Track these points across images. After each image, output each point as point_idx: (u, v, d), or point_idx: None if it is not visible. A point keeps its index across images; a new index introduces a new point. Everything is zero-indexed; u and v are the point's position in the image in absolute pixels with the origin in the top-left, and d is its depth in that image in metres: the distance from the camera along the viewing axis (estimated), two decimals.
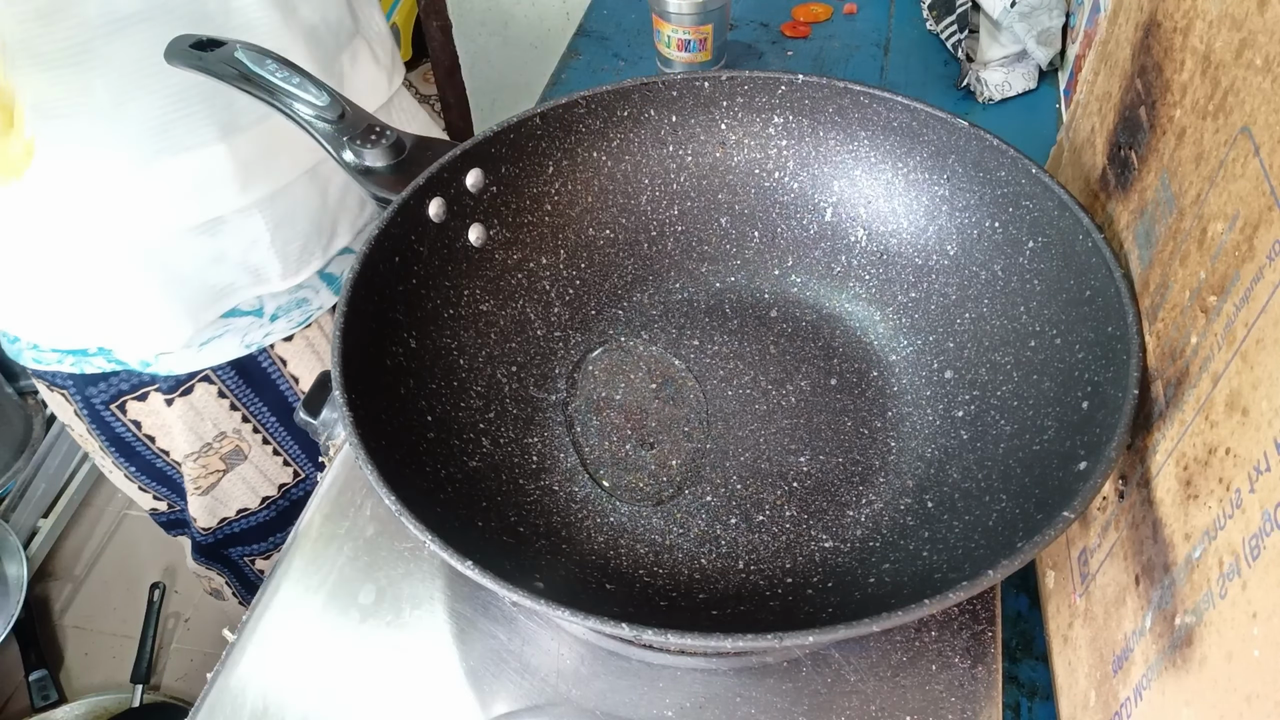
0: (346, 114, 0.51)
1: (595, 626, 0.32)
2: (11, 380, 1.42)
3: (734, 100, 0.56)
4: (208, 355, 0.72)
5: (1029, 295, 0.49)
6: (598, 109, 0.54)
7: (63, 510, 1.46)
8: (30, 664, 1.29)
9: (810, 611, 0.42)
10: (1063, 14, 0.82)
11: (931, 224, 0.54)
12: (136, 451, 0.77)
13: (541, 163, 0.54)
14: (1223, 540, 0.30)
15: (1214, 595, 0.30)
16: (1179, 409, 0.35)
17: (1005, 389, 0.48)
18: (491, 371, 0.51)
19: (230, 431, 0.77)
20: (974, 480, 0.46)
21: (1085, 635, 0.41)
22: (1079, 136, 0.52)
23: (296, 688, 0.44)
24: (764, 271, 0.59)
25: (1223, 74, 0.35)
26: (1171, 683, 0.32)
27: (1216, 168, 0.35)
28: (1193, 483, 0.33)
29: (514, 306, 0.54)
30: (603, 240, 0.57)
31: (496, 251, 0.53)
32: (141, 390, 0.72)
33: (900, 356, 0.55)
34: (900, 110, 0.53)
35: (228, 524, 0.85)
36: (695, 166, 0.58)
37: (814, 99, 0.55)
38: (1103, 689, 0.38)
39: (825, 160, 0.57)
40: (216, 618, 1.38)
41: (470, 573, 0.33)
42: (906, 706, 0.42)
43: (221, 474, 0.80)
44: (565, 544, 0.46)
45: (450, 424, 0.47)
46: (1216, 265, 0.34)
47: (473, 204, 0.51)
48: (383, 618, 0.46)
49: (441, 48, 1.68)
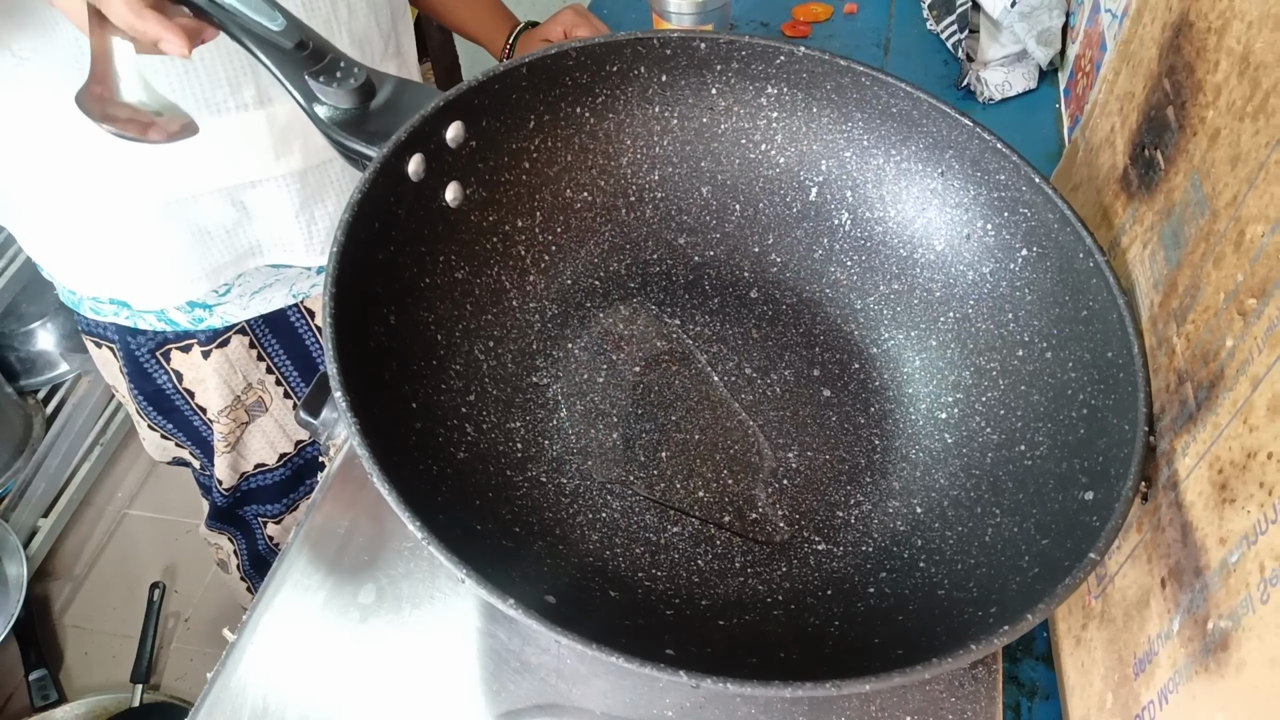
0: (308, 43, 0.45)
1: (652, 673, 0.31)
2: (12, 380, 1.42)
3: (729, 65, 0.53)
4: (258, 304, 0.75)
5: (1018, 304, 0.48)
6: (587, 61, 0.51)
7: (63, 510, 1.46)
8: (30, 664, 1.29)
9: (816, 624, 0.42)
10: (1063, 14, 0.82)
11: (920, 216, 0.53)
12: (175, 407, 0.80)
13: (524, 116, 0.51)
14: (1264, 545, 0.29)
15: (1253, 600, 0.29)
16: (1212, 412, 0.35)
17: (990, 395, 0.47)
18: (469, 348, 0.49)
19: (255, 383, 0.80)
20: (962, 489, 0.45)
21: (1102, 637, 0.41)
22: (1096, 136, 0.52)
23: (296, 688, 0.44)
24: (743, 248, 0.57)
25: (1264, 75, 0.34)
26: (1203, 687, 0.32)
27: (1256, 170, 0.34)
28: (1229, 486, 0.32)
29: (489, 274, 0.51)
30: (580, 203, 0.55)
31: (472, 212, 0.50)
32: (184, 341, 0.74)
33: (882, 350, 0.54)
34: (902, 96, 0.51)
35: (246, 479, 0.87)
36: (680, 130, 0.55)
37: (812, 73, 0.53)
38: (1121, 691, 0.38)
39: (815, 138, 0.55)
40: (216, 617, 1.38)
41: (513, 613, 0.32)
42: (906, 706, 0.42)
43: (245, 426, 0.82)
44: (562, 544, 0.45)
45: (434, 410, 0.45)
46: (1256, 268, 0.33)
47: (451, 160, 0.48)
48: (383, 618, 0.46)
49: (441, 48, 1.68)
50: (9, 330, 1.41)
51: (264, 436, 0.84)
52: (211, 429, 0.81)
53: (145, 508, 1.53)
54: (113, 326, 0.74)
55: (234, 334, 0.75)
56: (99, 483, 1.54)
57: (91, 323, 0.76)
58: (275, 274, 0.75)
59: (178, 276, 0.68)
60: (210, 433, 0.82)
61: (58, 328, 1.44)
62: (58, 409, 1.44)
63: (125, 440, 1.59)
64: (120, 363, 0.77)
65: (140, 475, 1.57)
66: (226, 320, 0.74)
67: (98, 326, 0.76)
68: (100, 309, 0.73)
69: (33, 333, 1.43)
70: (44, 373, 1.45)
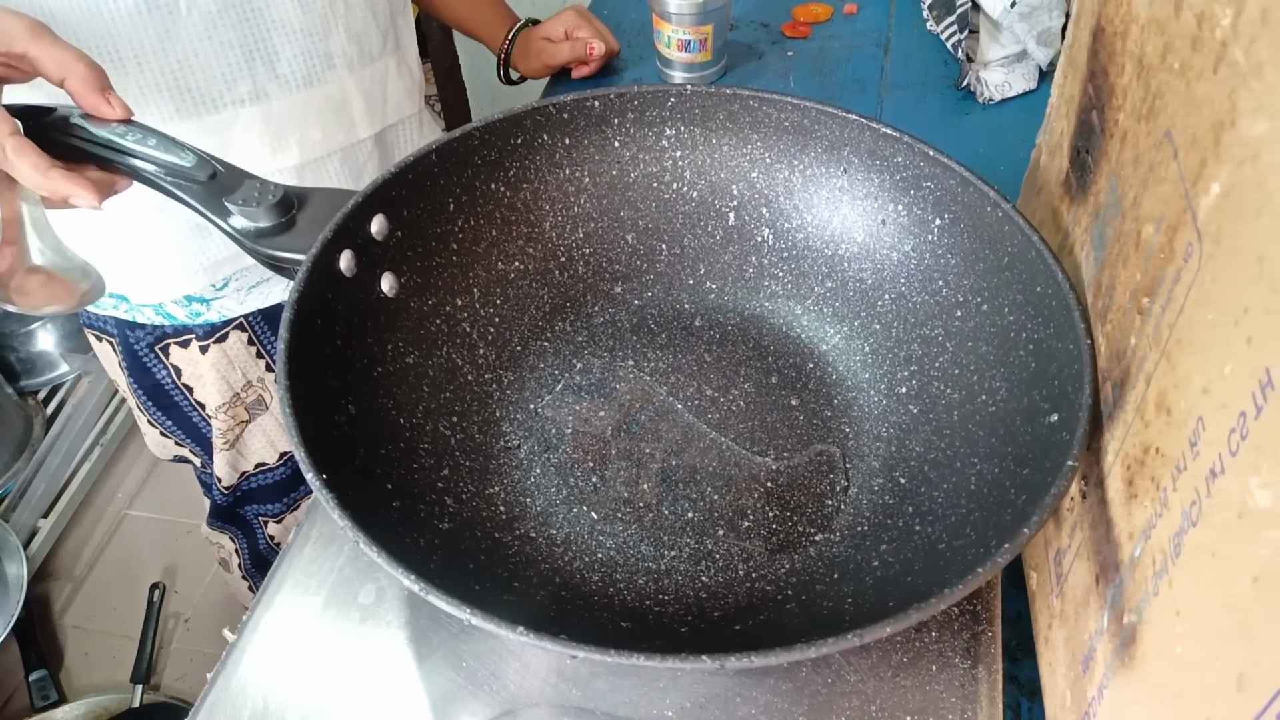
0: (219, 174, 0.47)
1: (676, 665, 0.32)
2: (12, 380, 1.42)
3: (625, 116, 0.56)
4: (255, 299, 0.75)
5: (945, 269, 0.50)
6: (491, 139, 0.53)
7: (63, 510, 1.46)
8: (30, 664, 1.29)
9: (830, 606, 0.42)
10: (1063, 14, 0.82)
11: (835, 215, 0.55)
12: (175, 402, 0.80)
13: (442, 200, 0.53)
14: (1155, 539, 0.30)
15: (1150, 594, 0.30)
16: (1123, 409, 0.36)
17: (942, 359, 0.49)
18: (434, 426, 0.50)
19: (255, 380, 0.80)
20: (938, 450, 0.47)
21: (1061, 635, 0.41)
22: (1052, 140, 0.52)
23: (296, 688, 0.44)
24: (679, 283, 0.59)
25: (1152, 78, 0.35)
26: (1124, 681, 0.32)
27: (1148, 170, 0.35)
28: (1134, 482, 0.33)
29: (439, 354, 0.52)
30: (513, 273, 0.56)
31: (411, 299, 0.51)
32: (183, 337, 0.75)
33: (830, 345, 0.55)
34: (790, 110, 0.54)
35: (247, 479, 0.87)
36: (594, 187, 0.58)
37: (704, 108, 0.55)
38: (1075, 689, 0.38)
39: (721, 166, 0.57)
40: (216, 617, 1.38)
41: (524, 638, 0.33)
42: (907, 706, 0.42)
43: (245, 424, 0.82)
44: (564, 590, 0.45)
45: (410, 489, 0.45)
46: (1149, 267, 0.34)
47: (380, 252, 0.49)
48: (383, 618, 0.46)
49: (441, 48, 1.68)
50: (9, 331, 1.42)
51: (264, 435, 0.84)
52: (210, 425, 0.81)
53: (145, 508, 1.54)
54: (112, 320, 0.74)
55: (232, 330, 0.75)
56: (99, 483, 1.55)
57: (92, 316, 0.76)
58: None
59: (175, 270, 0.68)
60: (209, 429, 0.82)
61: (58, 328, 1.44)
62: (58, 409, 1.44)
63: (125, 441, 1.59)
64: (120, 357, 0.77)
65: (140, 475, 1.57)
66: (224, 315, 0.74)
67: (98, 320, 0.76)
68: (100, 302, 0.73)
69: (33, 333, 1.43)
70: (44, 373, 1.45)
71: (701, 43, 0.86)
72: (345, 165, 0.71)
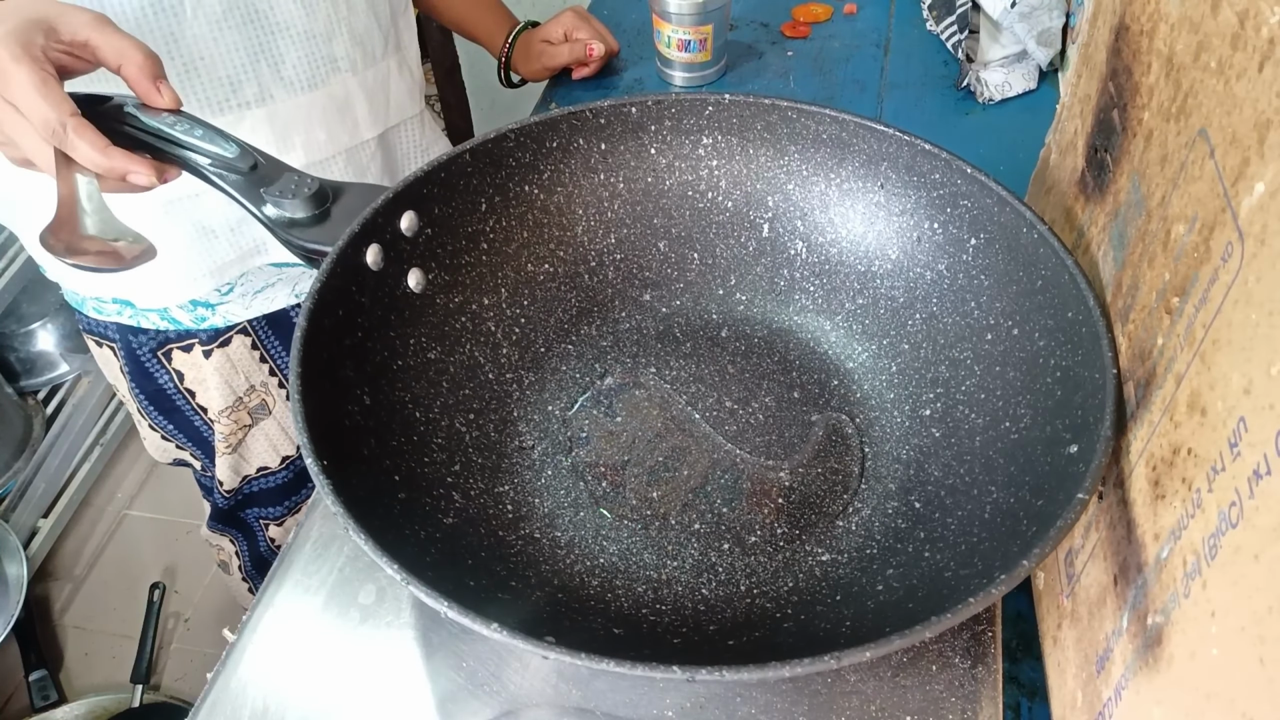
0: (260, 165, 0.48)
1: (645, 674, 0.32)
2: (12, 380, 1.42)
3: (662, 124, 0.56)
4: (260, 303, 0.75)
5: (978, 290, 0.49)
6: (526, 141, 0.53)
7: (63, 510, 1.46)
8: (30, 664, 1.29)
9: (827, 628, 0.42)
10: (1063, 14, 0.82)
11: (870, 230, 0.55)
12: (176, 407, 0.80)
13: (474, 200, 0.53)
14: (1186, 540, 0.30)
15: (1179, 595, 0.30)
16: (1148, 410, 0.35)
17: (969, 383, 0.48)
18: (449, 422, 0.50)
19: (258, 384, 0.80)
20: (956, 476, 0.46)
21: (1072, 636, 0.41)
22: (1064, 139, 0.52)
23: (296, 688, 0.44)
24: (708, 292, 0.59)
25: (1183, 76, 0.35)
26: (1145, 682, 0.32)
27: (1178, 170, 0.35)
28: (1160, 483, 0.33)
29: (462, 352, 0.52)
30: (542, 275, 0.56)
31: (437, 296, 0.52)
32: (186, 341, 0.74)
33: (857, 363, 0.55)
34: (828, 122, 0.53)
35: (249, 482, 0.87)
36: (628, 193, 0.57)
37: (741, 117, 0.55)
38: (1088, 689, 0.38)
39: (757, 177, 0.57)
40: (216, 618, 1.38)
41: (498, 635, 0.33)
42: (907, 706, 0.42)
43: (247, 429, 0.82)
44: (561, 593, 0.45)
45: (418, 481, 0.46)
46: (1179, 267, 0.34)
47: (409, 248, 0.50)
48: (383, 618, 0.46)
49: (441, 48, 1.68)
50: (9, 331, 1.42)
51: (267, 439, 0.84)
52: (212, 429, 0.81)
53: (145, 508, 1.54)
54: (114, 326, 0.74)
55: (235, 333, 0.75)
56: (99, 483, 1.55)
57: (93, 322, 0.76)
58: (278, 273, 0.75)
59: (181, 275, 0.68)
60: (211, 433, 0.82)
61: (58, 328, 1.44)
62: (58, 409, 1.44)
63: (125, 441, 1.59)
64: (121, 362, 0.77)
65: (140, 476, 1.57)
66: (229, 320, 0.74)
67: (100, 326, 0.76)
68: (103, 308, 0.73)
69: (33, 333, 1.43)
70: (44, 373, 1.45)
71: (701, 43, 0.86)
72: (349, 166, 0.71)
